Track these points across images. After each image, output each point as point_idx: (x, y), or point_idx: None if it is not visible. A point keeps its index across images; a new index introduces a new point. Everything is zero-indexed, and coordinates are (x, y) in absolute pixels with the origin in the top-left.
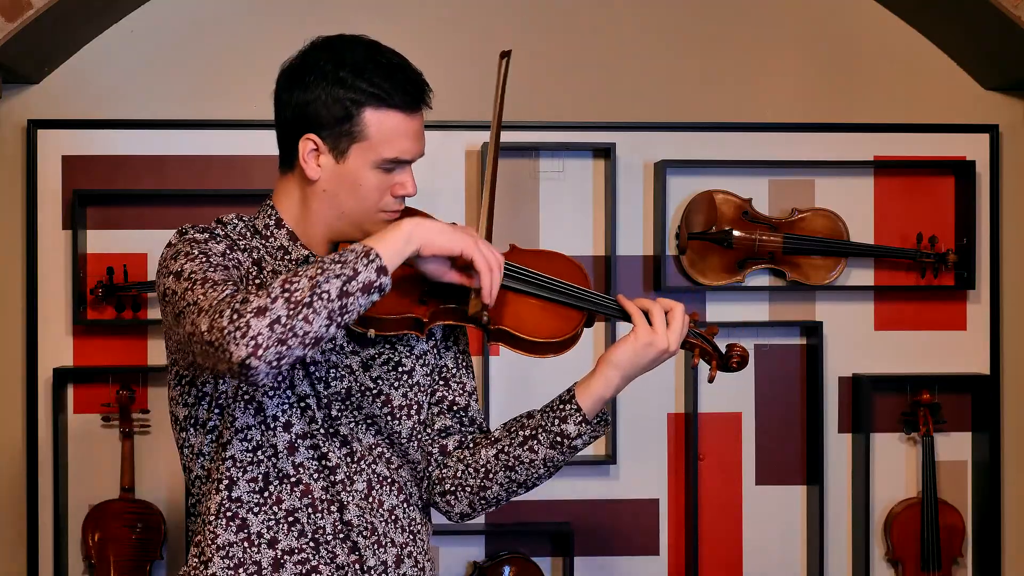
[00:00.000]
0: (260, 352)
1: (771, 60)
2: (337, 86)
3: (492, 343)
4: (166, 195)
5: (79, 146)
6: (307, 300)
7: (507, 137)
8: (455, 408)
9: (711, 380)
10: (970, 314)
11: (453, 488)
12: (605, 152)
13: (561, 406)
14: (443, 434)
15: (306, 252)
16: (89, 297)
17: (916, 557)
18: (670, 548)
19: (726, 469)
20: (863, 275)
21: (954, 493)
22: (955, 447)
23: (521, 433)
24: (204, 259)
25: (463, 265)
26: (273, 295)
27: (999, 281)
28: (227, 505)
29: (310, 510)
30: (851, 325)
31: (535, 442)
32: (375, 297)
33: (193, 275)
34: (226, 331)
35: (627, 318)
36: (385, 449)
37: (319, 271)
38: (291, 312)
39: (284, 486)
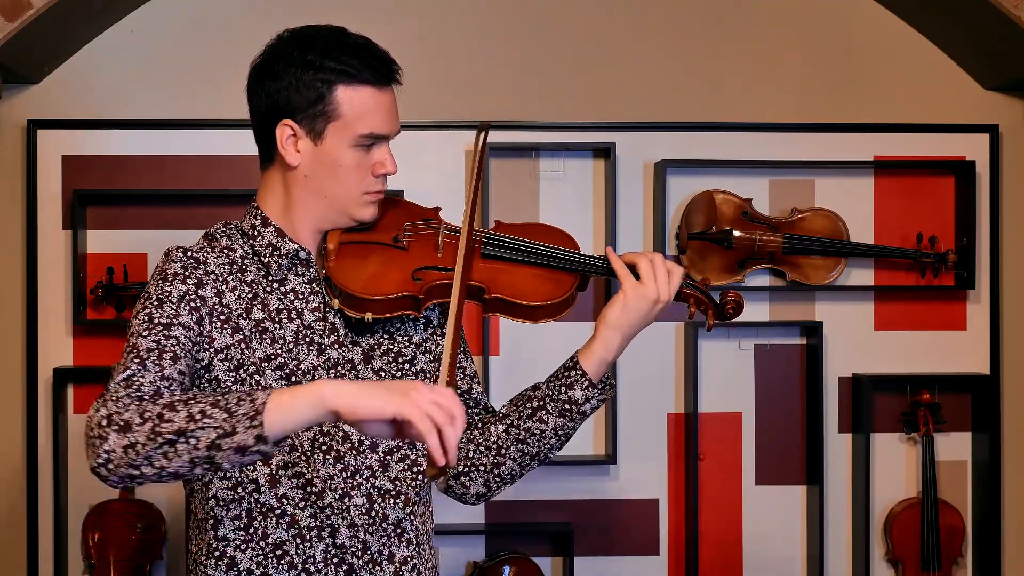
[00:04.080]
0: (111, 468)
1: (771, 60)
2: (307, 69)
3: (489, 314)
4: (166, 195)
5: (79, 146)
6: (171, 439)
7: (507, 137)
8: (459, 392)
9: (709, 329)
10: (970, 314)
11: (467, 469)
12: (605, 152)
13: (566, 373)
14: None
15: (295, 246)
16: (89, 297)
17: (916, 557)
18: (670, 548)
19: (726, 469)
20: (863, 275)
21: (954, 493)
22: (955, 447)
23: (529, 405)
24: (155, 311)
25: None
26: (147, 414)
27: (999, 281)
28: (214, 545)
29: (298, 540)
30: (851, 325)
31: (544, 412)
32: (252, 459)
33: (132, 336)
34: (91, 433)
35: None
36: (409, 451)
37: (201, 413)
38: (150, 443)
39: (268, 520)
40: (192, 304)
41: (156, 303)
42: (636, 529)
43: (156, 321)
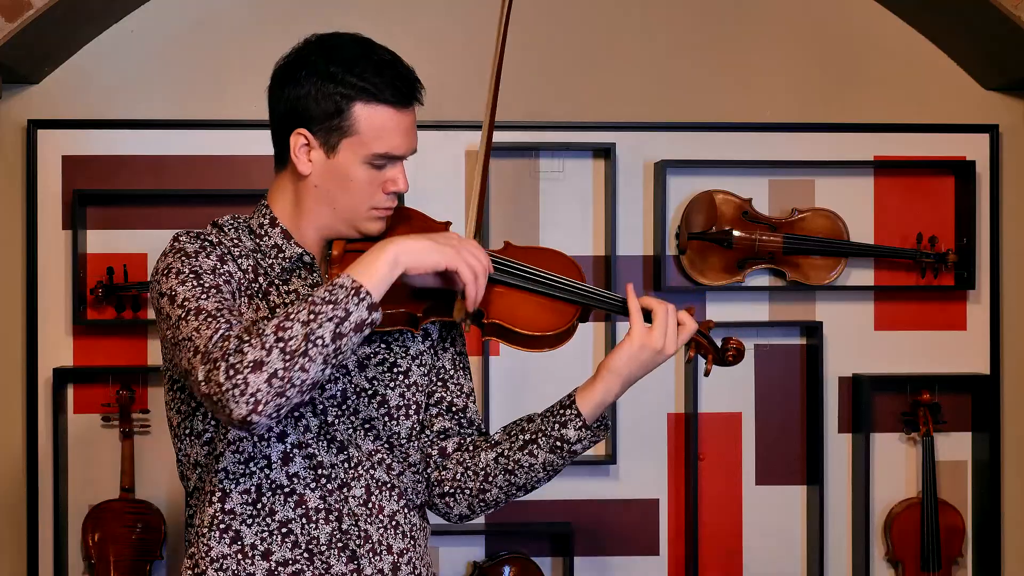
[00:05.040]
0: (260, 408)
1: (771, 60)
2: (328, 81)
3: (487, 338)
4: (166, 195)
5: (79, 146)
6: (303, 349)
7: (507, 137)
8: (453, 409)
9: (707, 374)
10: (970, 314)
11: (452, 490)
12: (605, 152)
13: (561, 411)
14: (442, 436)
15: (300, 250)
16: (89, 297)
17: (916, 557)
18: (670, 548)
19: (726, 469)
20: (863, 275)
21: (954, 493)
22: (955, 447)
23: (521, 437)
24: (195, 281)
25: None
26: (267, 344)
27: (999, 281)
28: (220, 517)
29: (304, 520)
30: (851, 325)
31: (535, 446)
32: (367, 332)
33: (187, 303)
34: (224, 388)
35: (623, 311)
36: (385, 455)
37: (311, 315)
38: (288, 363)
39: (277, 497)
40: (224, 277)
41: (193, 276)
42: (636, 529)
43: (207, 286)
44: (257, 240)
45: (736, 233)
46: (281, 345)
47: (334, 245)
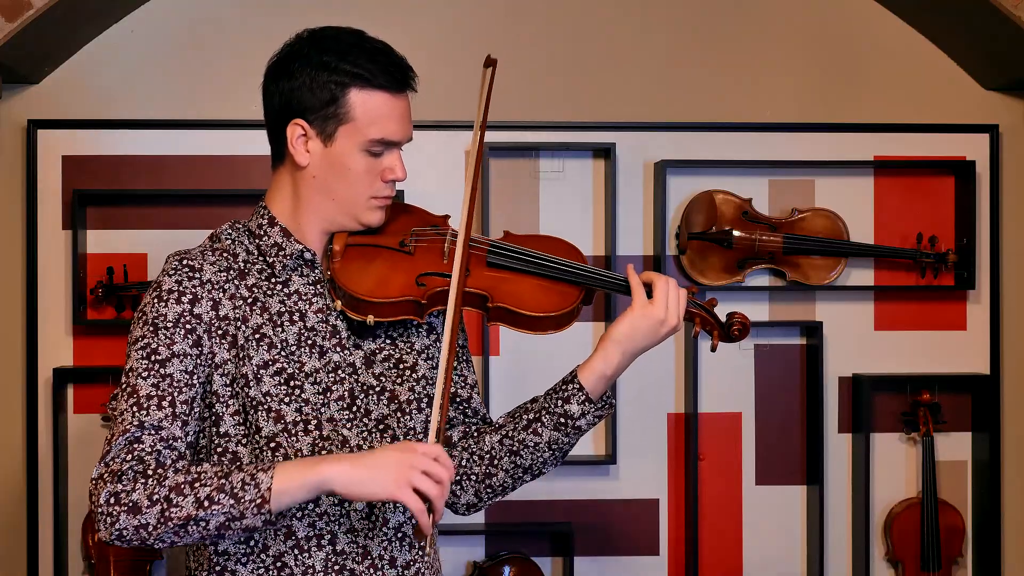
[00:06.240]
0: (122, 540)
1: (771, 60)
2: (321, 70)
3: (492, 323)
4: (166, 195)
5: (79, 146)
6: (182, 523)
7: (507, 137)
8: (458, 400)
9: (713, 349)
10: (970, 314)
11: (458, 477)
12: (605, 152)
13: (564, 387)
14: (447, 426)
15: (300, 247)
16: (89, 297)
17: (916, 557)
18: (670, 548)
19: (726, 469)
20: (863, 275)
21: (954, 493)
22: (955, 447)
23: (525, 417)
24: (152, 339)
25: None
26: (156, 496)
27: (999, 281)
28: (215, 560)
29: (296, 551)
30: (851, 325)
31: (539, 424)
32: (261, 533)
33: (131, 373)
34: (99, 508)
35: (626, 291)
36: None
37: (208, 500)
38: (161, 526)
39: (268, 532)
40: (187, 327)
41: (152, 329)
42: (636, 529)
43: (153, 358)
44: (257, 242)
45: (736, 233)
46: (164, 507)
47: (335, 239)
